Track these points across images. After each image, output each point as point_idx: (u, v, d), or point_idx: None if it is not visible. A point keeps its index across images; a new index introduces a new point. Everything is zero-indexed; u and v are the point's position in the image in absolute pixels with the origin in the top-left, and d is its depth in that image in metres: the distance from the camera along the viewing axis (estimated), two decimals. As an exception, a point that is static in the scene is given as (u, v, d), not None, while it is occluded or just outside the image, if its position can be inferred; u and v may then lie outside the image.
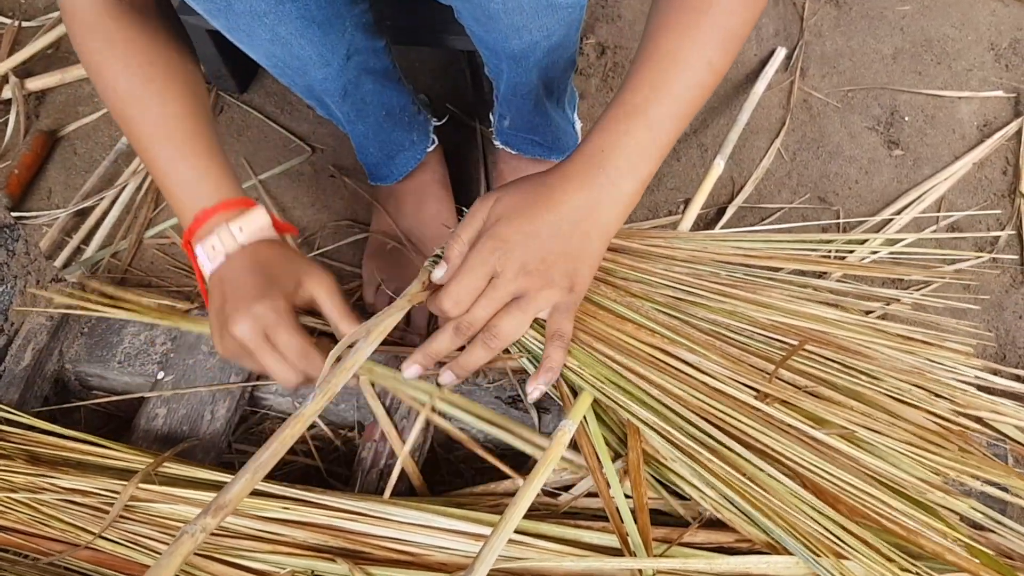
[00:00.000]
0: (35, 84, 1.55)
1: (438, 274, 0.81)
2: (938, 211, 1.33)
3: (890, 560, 0.74)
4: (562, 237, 0.77)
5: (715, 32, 0.79)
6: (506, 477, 0.96)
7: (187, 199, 0.86)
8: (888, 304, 1.08)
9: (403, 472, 0.96)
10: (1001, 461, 0.91)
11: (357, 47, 0.99)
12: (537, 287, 0.77)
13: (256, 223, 0.86)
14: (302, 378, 0.82)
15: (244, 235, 0.85)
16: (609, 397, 0.82)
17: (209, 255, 0.85)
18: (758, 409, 0.78)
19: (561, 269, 0.78)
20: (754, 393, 0.81)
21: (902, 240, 1.25)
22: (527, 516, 0.84)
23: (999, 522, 0.85)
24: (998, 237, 1.29)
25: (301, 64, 0.95)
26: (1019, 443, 0.96)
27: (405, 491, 0.96)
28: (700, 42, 0.78)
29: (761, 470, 0.77)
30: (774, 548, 0.78)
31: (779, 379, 0.82)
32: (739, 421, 0.78)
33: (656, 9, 0.82)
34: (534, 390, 0.80)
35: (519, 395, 1.00)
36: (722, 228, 1.30)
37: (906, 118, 1.43)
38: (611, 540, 0.82)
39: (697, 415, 0.80)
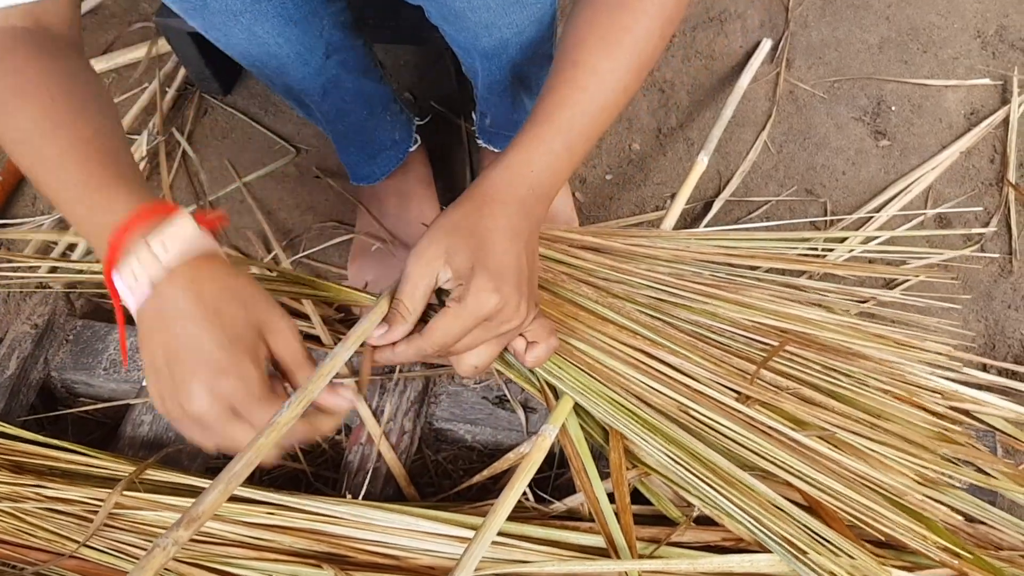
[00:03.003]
0: (18, 89, 1.54)
1: (378, 332, 0.75)
2: (926, 201, 1.32)
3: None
4: (526, 267, 0.75)
5: (633, 58, 0.79)
6: (493, 480, 0.97)
7: (98, 221, 0.68)
8: (871, 300, 1.08)
9: (391, 475, 0.96)
10: (991, 453, 0.91)
11: (336, 46, 0.98)
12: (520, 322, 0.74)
13: (181, 235, 0.67)
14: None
15: (170, 255, 0.66)
16: (590, 401, 0.82)
17: (131, 287, 0.67)
18: (739, 411, 0.78)
19: (531, 296, 0.76)
20: (736, 395, 0.80)
21: (887, 235, 1.24)
22: (516, 519, 0.84)
23: (989, 512, 0.85)
24: (986, 226, 1.29)
25: (279, 63, 0.95)
26: (1008, 435, 0.96)
27: (393, 494, 0.96)
28: (619, 65, 0.78)
29: (733, 476, 0.76)
30: (762, 545, 0.78)
31: (761, 380, 0.81)
32: (720, 423, 0.78)
33: (575, 26, 0.81)
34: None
35: (506, 395, 1.00)
36: (709, 222, 1.29)
37: (893, 108, 1.42)
38: (598, 540, 0.82)
39: (675, 422, 0.79)
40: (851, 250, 1.20)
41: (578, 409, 0.85)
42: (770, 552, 0.76)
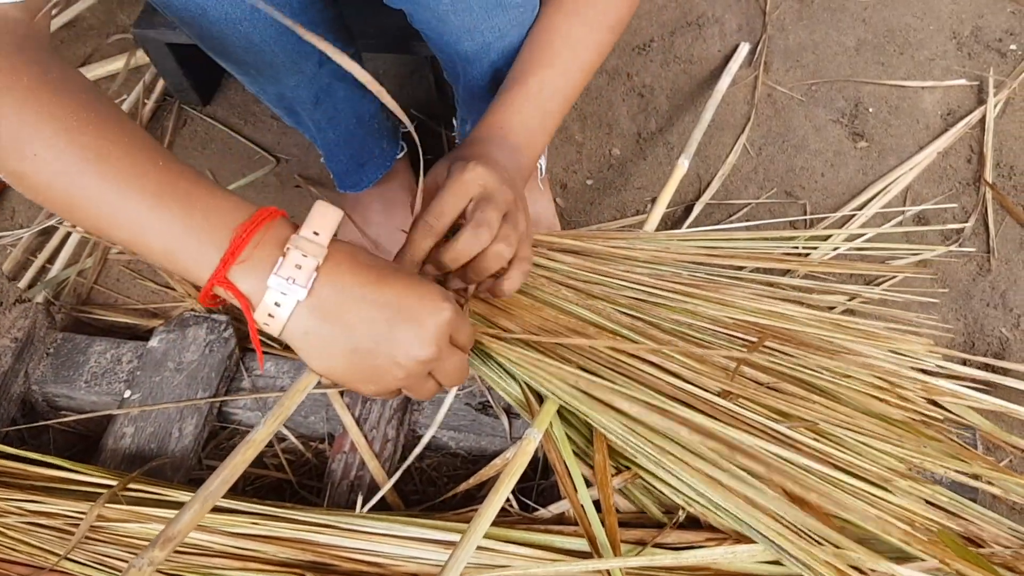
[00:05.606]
0: (-4, 103, 1.53)
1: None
2: (904, 201, 1.33)
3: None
4: (516, 190, 0.80)
5: (606, 16, 0.86)
6: (478, 487, 0.97)
7: (217, 223, 0.63)
8: (852, 299, 1.08)
9: (374, 483, 0.96)
10: (971, 448, 0.92)
11: None
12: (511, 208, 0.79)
13: (330, 219, 0.67)
14: None
15: (323, 237, 0.65)
16: (572, 405, 0.82)
17: (293, 276, 0.63)
18: (721, 406, 0.78)
19: (522, 207, 0.81)
20: (717, 391, 0.81)
21: (868, 234, 1.25)
22: (501, 523, 0.83)
23: (968, 507, 0.86)
24: (964, 225, 1.30)
25: (273, 71, 0.95)
26: (984, 431, 0.97)
27: (377, 502, 0.95)
28: (591, 25, 0.86)
29: (722, 468, 0.77)
30: (746, 540, 0.79)
31: (742, 376, 0.82)
32: (703, 418, 0.78)
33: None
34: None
35: (489, 402, 1.00)
36: (689, 225, 1.30)
37: (870, 110, 1.43)
38: (582, 544, 0.82)
39: (652, 428, 0.79)
40: (835, 247, 1.20)
41: (562, 412, 0.85)
42: (751, 544, 0.77)
